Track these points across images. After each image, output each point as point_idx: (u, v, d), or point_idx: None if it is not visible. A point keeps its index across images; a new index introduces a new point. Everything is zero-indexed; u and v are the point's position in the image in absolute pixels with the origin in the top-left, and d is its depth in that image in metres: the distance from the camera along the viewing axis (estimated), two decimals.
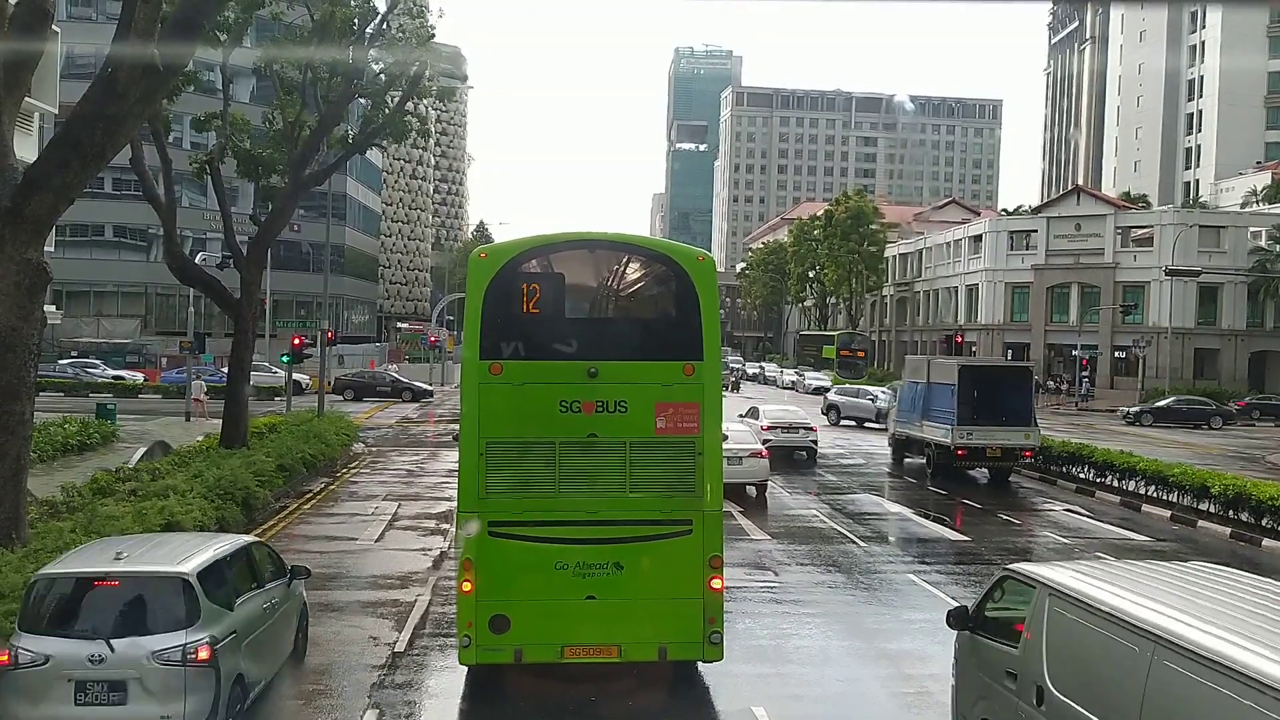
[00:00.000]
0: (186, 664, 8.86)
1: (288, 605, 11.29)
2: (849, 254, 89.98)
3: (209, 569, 9.57)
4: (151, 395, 49.44)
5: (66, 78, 36.54)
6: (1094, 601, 7.02)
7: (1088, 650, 6.96)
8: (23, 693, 8.71)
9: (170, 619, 9.01)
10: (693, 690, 10.99)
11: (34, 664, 8.69)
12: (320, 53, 27.04)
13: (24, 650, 8.74)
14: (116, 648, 8.74)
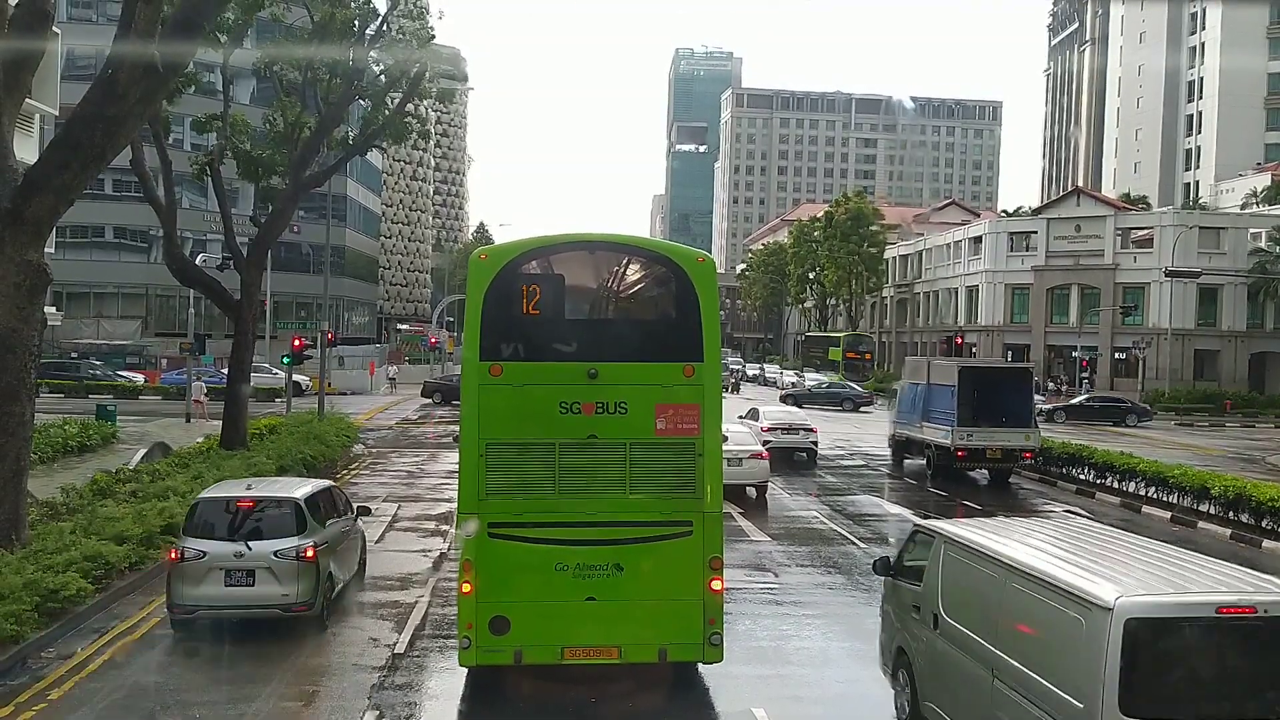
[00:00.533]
0: (298, 559, 12.65)
1: (354, 533, 15.27)
2: (849, 255, 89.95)
3: (311, 497, 13.62)
4: (151, 396, 49.44)
5: (67, 79, 36.55)
6: (973, 544, 8.92)
7: (968, 581, 8.86)
8: (187, 578, 12.45)
9: (287, 529, 12.86)
10: (693, 692, 10.99)
11: (196, 558, 12.47)
12: (320, 54, 27.08)
13: (189, 548, 12.55)
14: (252, 547, 12.61)
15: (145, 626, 13.07)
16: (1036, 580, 7.78)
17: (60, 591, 12.58)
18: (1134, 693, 6.71)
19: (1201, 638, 7.01)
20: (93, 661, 11.65)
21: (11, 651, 11.36)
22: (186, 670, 11.55)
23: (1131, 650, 6.76)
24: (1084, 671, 6.97)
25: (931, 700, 9.33)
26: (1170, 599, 7.11)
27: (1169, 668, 6.98)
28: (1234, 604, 7.03)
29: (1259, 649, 7.03)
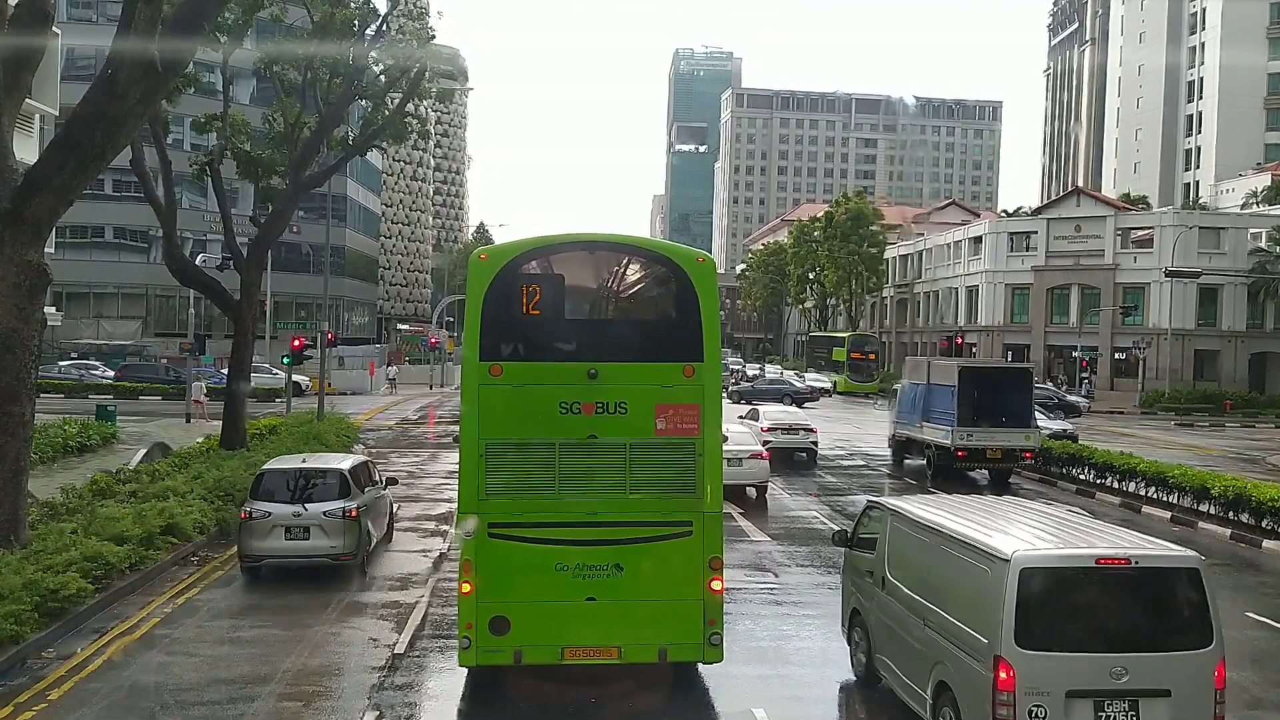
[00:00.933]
0: (344, 518, 15.50)
1: (385, 500, 18.28)
2: (849, 255, 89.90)
3: (352, 468, 16.70)
4: (151, 397, 49.41)
5: (67, 79, 36.58)
6: (913, 515, 10.45)
7: (908, 547, 10.38)
8: (254, 533, 15.35)
9: (334, 493, 15.78)
10: (693, 692, 10.98)
11: (262, 517, 15.36)
12: (320, 53, 27.07)
13: (256, 509, 15.45)
14: (307, 508, 15.47)
15: (145, 626, 13.07)
16: (958, 541, 9.30)
17: (60, 591, 12.58)
18: (1027, 628, 8.20)
19: (1083, 583, 8.57)
20: (92, 661, 11.64)
21: (11, 652, 11.36)
22: (186, 670, 11.53)
23: (1025, 593, 8.25)
24: (989, 612, 8.42)
25: (882, 652, 10.76)
26: (1057, 552, 8.73)
27: (1056, 607, 8.50)
28: (1110, 555, 8.58)
29: (1131, 592, 8.61)
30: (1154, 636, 8.44)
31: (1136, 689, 8.22)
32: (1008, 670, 8.15)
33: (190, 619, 13.53)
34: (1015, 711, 8.12)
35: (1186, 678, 8.29)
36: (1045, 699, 8.13)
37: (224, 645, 12.51)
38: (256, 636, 12.90)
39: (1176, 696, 8.26)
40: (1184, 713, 8.27)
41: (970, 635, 8.67)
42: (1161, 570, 8.63)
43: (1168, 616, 8.63)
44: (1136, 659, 8.25)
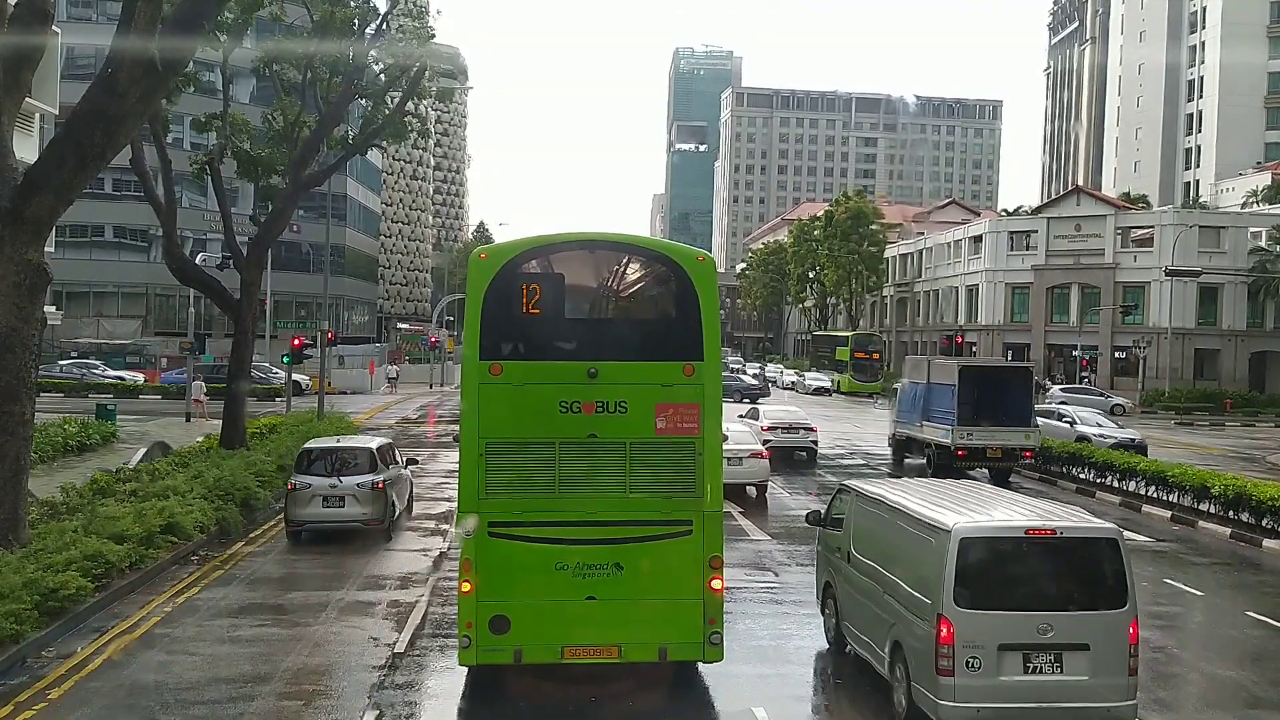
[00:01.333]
0: (373, 489, 18.25)
1: (406, 477, 20.87)
2: (849, 254, 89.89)
3: (379, 447, 19.56)
4: (151, 396, 49.43)
5: (67, 78, 36.53)
6: (875, 495, 11.56)
7: (870, 524, 11.48)
8: (298, 502, 18.17)
9: (365, 468, 18.54)
10: (693, 691, 10.98)
11: (304, 488, 18.11)
12: (320, 52, 27.04)
13: (299, 482, 18.21)
14: (342, 481, 18.22)
15: (145, 625, 13.07)
16: (910, 516, 10.40)
17: (60, 590, 12.57)
18: (965, 590, 9.32)
19: (1014, 551, 9.75)
20: (92, 661, 11.64)
21: (11, 651, 11.35)
22: (186, 669, 11.52)
23: (963, 560, 9.37)
24: (933, 577, 9.53)
25: (847, 619, 11.94)
26: (992, 524, 9.84)
27: (990, 572, 9.60)
28: (1039, 527, 9.71)
29: (1056, 559, 9.75)
30: (1076, 598, 9.57)
31: (1059, 643, 9.31)
32: (948, 627, 9.27)
33: (190, 618, 13.52)
34: (954, 663, 9.22)
35: (1103, 634, 9.38)
36: (980, 651, 9.25)
37: (224, 644, 12.50)
38: (256, 635, 12.90)
39: (1094, 650, 9.35)
40: (1101, 664, 9.36)
41: (918, 598, 9.83)
42: (1083, 540, 9.77)
43: (1088, 580, 9.69)
44: (1060, 617, 9.37)
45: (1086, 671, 9.34)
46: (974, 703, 9.26)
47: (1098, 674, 9.36)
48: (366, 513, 18.25)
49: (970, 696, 9.25)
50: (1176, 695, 11.93)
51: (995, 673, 9.26)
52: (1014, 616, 9.38)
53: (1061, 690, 9.33)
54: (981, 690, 9.25)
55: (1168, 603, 16.17)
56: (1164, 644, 13.73)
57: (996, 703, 9.30)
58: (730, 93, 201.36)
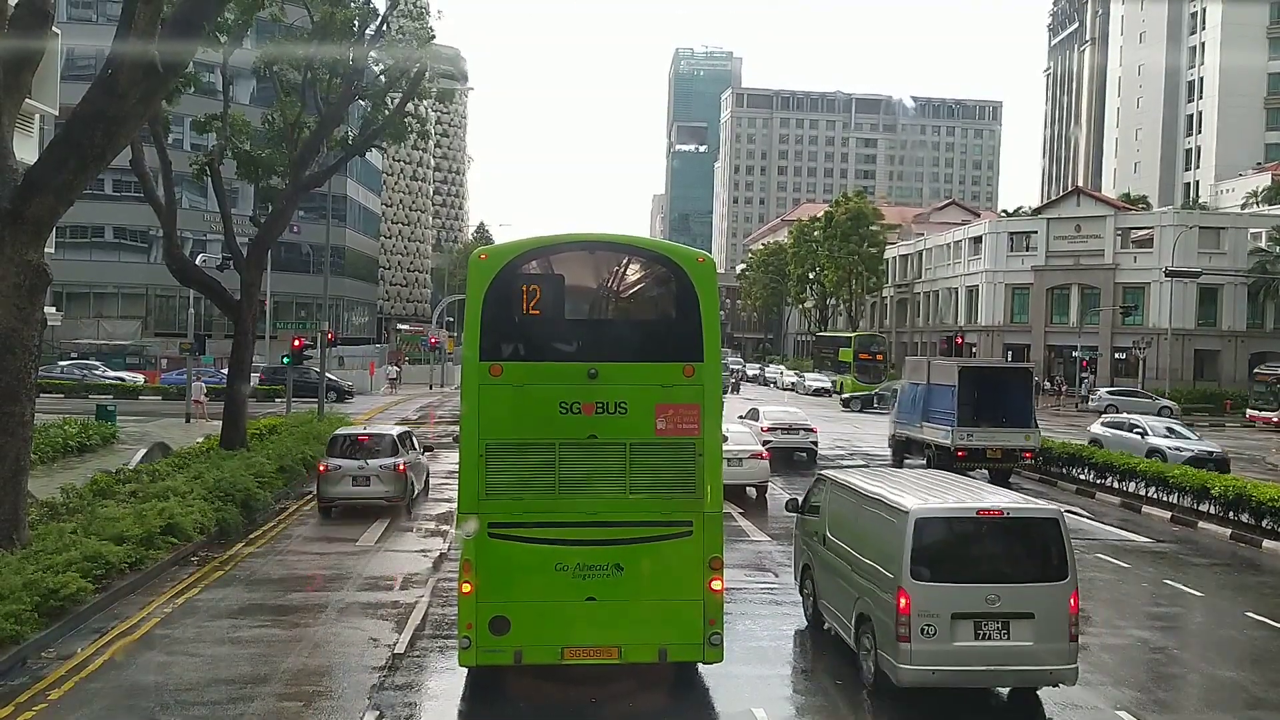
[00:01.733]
0: (395, 470, 20.83)
1: (423, 462, 23.44)
2: (849, 255, 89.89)
3: (399, 434, 22.25)
4: (151, 397, 49.43)
5: (67, 79, 36.56)
6: (847, 483, 12.60)
7: (841, 509, 12.47)
8: (329, 481, 20.72)
9: (388, 452, 21.14)
10: (693, 692, 10.98)
11: (335, 469, 20.72)
12: (320, 54, 27.05)
13: (331, 463, 20.78)
14: (368, 463, 20.76)
15: (145, 626, 13.07)
16: (876, 500, 11.34)
17: (60, 591, 12.57)
18: (921, 565, 10.29)
19: (966, 530, 10.78)
20: (93, 662, 11.63)
21: (11, 651, 11.34)
22: (186, 670, 11.52)
23: (919, 538, 10.33)
24: (894, 553, 10.46)
25: (823, 597, 12.91)
26: (946, 505, 10.86)
27: (944, 549, 10.56)
28: (988, 508, 10.76)
29: (1003, 537, 10.72)
30: (1021, 571, 10.53)
31: (1006, 612, 10.22)
32: (906, 598, 10.19)
33: (190, 619, 13.52)
34: (912, 630, 10.15)
35: (1046, 604, 10.32)
36: (935, 620, 10.15)
37: (224, 645, 12.50)
38: (256, 636, 12.90)
39: (1038, 618, 10.27)
40: (1044, 631, 10.27)
41: (881, 573, 10.77)
42: (1028, 519, 10.78)
43: (1032, 556, 10.63)
44: (1007, 588, 10.30)
45: (1031, 638, 10.24)
46: (930, 666, 10.17)
47: (1041, 640, 10.25)
48: (389, 491, 20.90)
49: (926, 660, 10.16)
50: (1177, 696, 11.94)
51: (949, 639, 10.16)
52: (965, 588, 10.30)
53: (1009, 654, 10.23)
54: (936, 655, 10.15)
55: (1168, 604, 16.19)
56: (1164, 645, 13.75)
57: (950, 666, 10.21)
58: (730, 93, 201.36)
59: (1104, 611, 15.81)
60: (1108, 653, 13.12)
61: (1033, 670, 10.39)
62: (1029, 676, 10.52)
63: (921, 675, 10.20)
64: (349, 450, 21.14)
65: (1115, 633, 14.29)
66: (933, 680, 10.24)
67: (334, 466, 20.70)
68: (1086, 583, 17.31)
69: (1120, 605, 16.15)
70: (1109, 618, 15.37)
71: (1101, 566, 18.31)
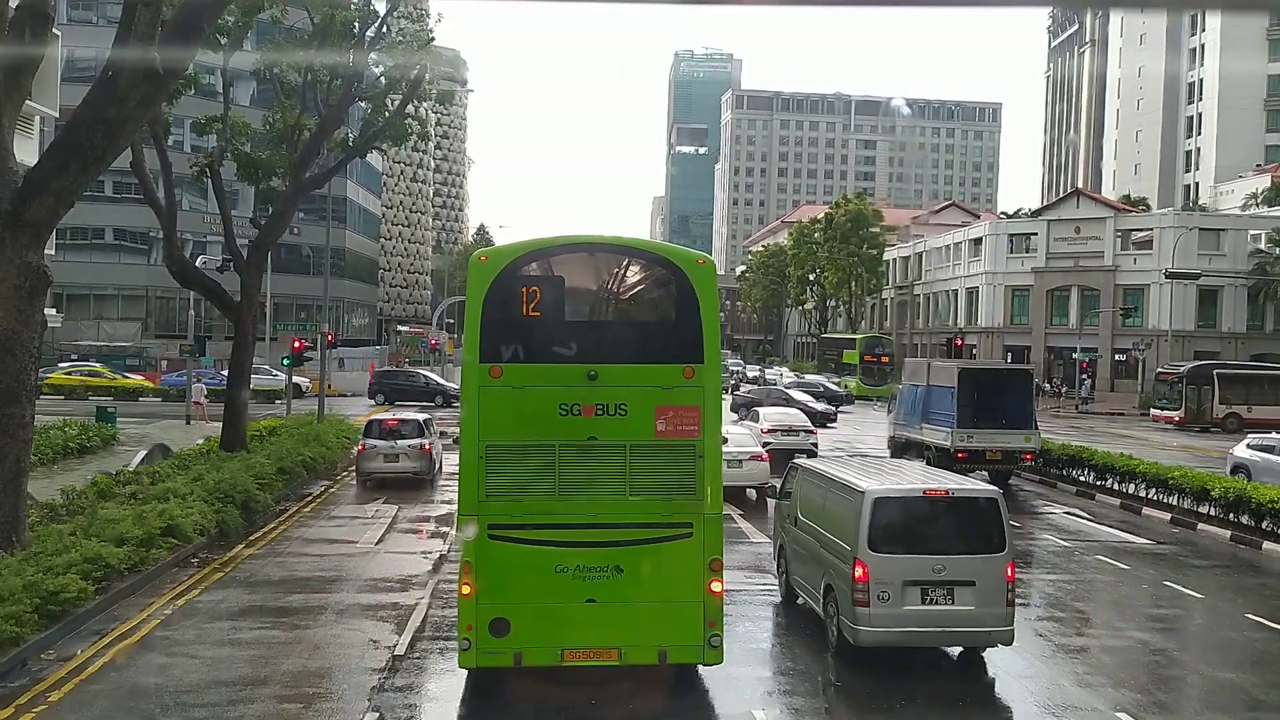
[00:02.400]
0: (421, 450, 24.76)
1: (438, 445, 26.74)
2: (849, 257, 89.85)
3: (424, 419, 26.06)
4: (151, 398, 49.41)
5: (67, 80, 36.55)
6: (815, 469, 14.18)
7: (810, 493, 13.82)
8: (366, 459, 24.74)
9: (415, 434, 24.90)
10: (693, 693, 10.98)
11: (371, 449, 24.72)
12: (320, 56, 27.05)
13: (368, 443, 24.84)
14: (398, 443, 24.64)
15: (145, 628, 13.07)
16: (838, 483, 12.73)
17: (60, 593, 12.56)
18: (876, 538, 11.53)
19: (915, 508, 12.08)
20: (93, 663, 11.63)
21: (11, 653, 11.34)
22: (186, 672, 11.52)
23: (874, 515, 11.57)
24: (853, 529, 11.71)
25: (795, 573, 14.20)
26: (897, 487, 12.17)
27: (896, 524, 11.77)
28: (934, 489, 12.15)
29: (948, 514, 12.06)
30: (964, 544, 11.74)
31: (951, 579, 11.49)
32: (863, 567, 11.44)
33: (190, 621, 13.52)
34: (869, 596, 11.38)
35: (986, 573, 11.59)
36: (888, 586, 11.39)
37: (224, 647, 12.50)
38: (256, 638, 12.90)
39: (979, 585, 11.55)
40: (984, 597, 11.54)
41: (842, 547, 12.01)
42: (969, 499, 12.10)
43: (973, 530, 11.84)
44: (951, 559, 11.58)
45: (972, 602, 11.53)
46: (883, 628, 11.43)
47: (981, 605, 11.54)
48: (416, 467, 24.70)
49: (881, 623, 11.40)
50: (1177, 698, 11.94)
51: (900, 604, 11.41)
52: (915, 559, 11.59)
53: (953, 618, 11.53)
54: (890, 618, 11.39)
55: (1167, 605, 16.18)
56: (1164, 646, 13.74)
57: (901, 628, 11.47)
58: (730, 96, 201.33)
59: (1104, 613, 15.82)
60: (1107, 654, 13.13)
61: (974, 631, 11.70)
62: (971, 637, 11.87)
63: (877, 636, 11.45)
64: (382, 433, 25.00)
65: (1115, 634, 14.29)
66: (887, 640, 11.53)
67: (370, 446, 24.75)
68: (1086, 584, 17.37)
69: (1120, 607, 16.16)
70: (1109, 619, 15.38)
71: (1101, 568, 18.31)
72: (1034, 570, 18.47)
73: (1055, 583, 17.31)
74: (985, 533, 11.74)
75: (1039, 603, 16.04)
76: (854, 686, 11.55)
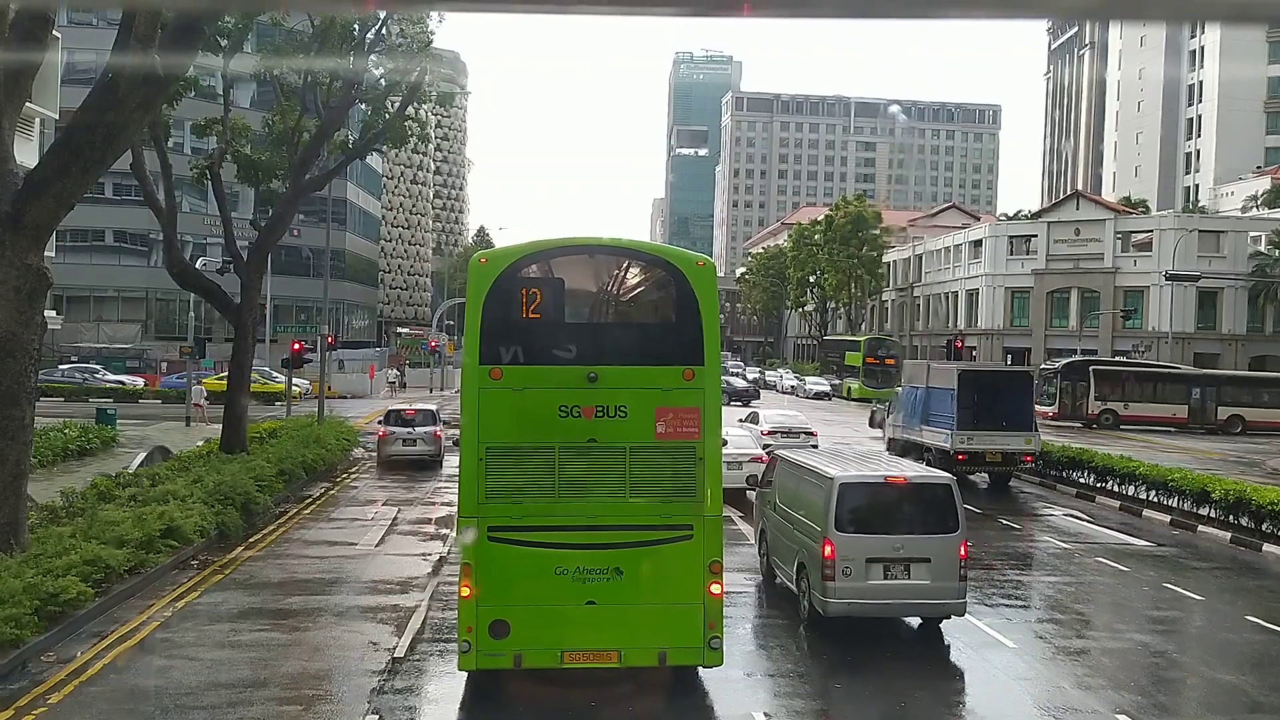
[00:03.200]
0: (434, 436, 29.26)
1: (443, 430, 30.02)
2: (849, 259, 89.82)
3: (435, 409, 31.54)
4: (151, 400, 49.42)
5: (67, 82, 36.64)
6: (791, 459, 15.44)
7: (787, 480, 15.10)
8: (387, 444, 29.26)
9: (429, 422, 29.62)
10: (692, 696, 10.98)
11: (391, 434, 29.30)
12: (320, 59, 27.06)
13: (388, 429, 29.35)
14: (415, 430, 29.06)
15: (145, 630, 13.06)
16: (810, 471, 14.07)
17: (60, 595, 12.55)
18: (842, 520, 12.86)
19: (877, 493, 13.34)
20: (92, 666, 11.62)
21: (11, 655, 11.33)
22: (186, 674, 11.52)
23: (841, 499, 12.89)
24: (822, 511, 13.00)
25: (773, 554, 15.52)
26: (861, 474, 13.49)
27: (860, 507, 13.08)
28: (894, 476, 13.51)
29: (907, 498, 13.39)
30: (921, 525, 13.04)
31: (908, 557, 12.78)
32: (831, 546, 12.69)
33: (190, 623, 13.51)
34: (835, 572, 12.64)
35: (940, 551, 12.82)
36: (853, 563, 12.66)
37: (224, 649, 12.49)
38: (256, 640, 12.90)
39: (934, 562, 12.81)
40: (938, 572, 12.80)
41: (813, 528, 13.26)
42: (925, 485, 13.50)
43: (929, 513, 13.13)
44: (909, 539, 12.86)
45: (928, 577, 12.80)
46: (848, 599, 12.68)
47: (936, 579, 12.79)
48: (430, 450, 28.95)
49: (846, 595, 12.67)
50: (1176, 700, 11.94)
51: (864, 578, 12.68)
52: (877, 538, 12.85)
53: (910, 591, 12.86)
54: (854, 590, 12.66)
55: (1168, 607, 16.17)
56: (1164, 649, 13.73)
57: (864, 599, 12.75)
58: (730, 98, 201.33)
59: (1104, 615, 15.83)
60: (1108, 656, 13.12)
61: (929, 603, 13.06)
62: (926, 608, 13.22)
63: (843, 608, 12.71)
64: (400, 421, 29.51)
65: (1115, 636, 14.29)
66: (851, 611, 12.77)
67: (389, 432, 29.12)
68: (1087, 586, 17.37)
69: (1120, 609, 16.15)
70: (1109, 621, 15.38)
71: (1102, 570, 18.31)
72: (1034, 572, 18.48)
73: (1055, 585, 17.31)
74: (940, 515, 13.03)
75: (1039, 605, 16.05)
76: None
